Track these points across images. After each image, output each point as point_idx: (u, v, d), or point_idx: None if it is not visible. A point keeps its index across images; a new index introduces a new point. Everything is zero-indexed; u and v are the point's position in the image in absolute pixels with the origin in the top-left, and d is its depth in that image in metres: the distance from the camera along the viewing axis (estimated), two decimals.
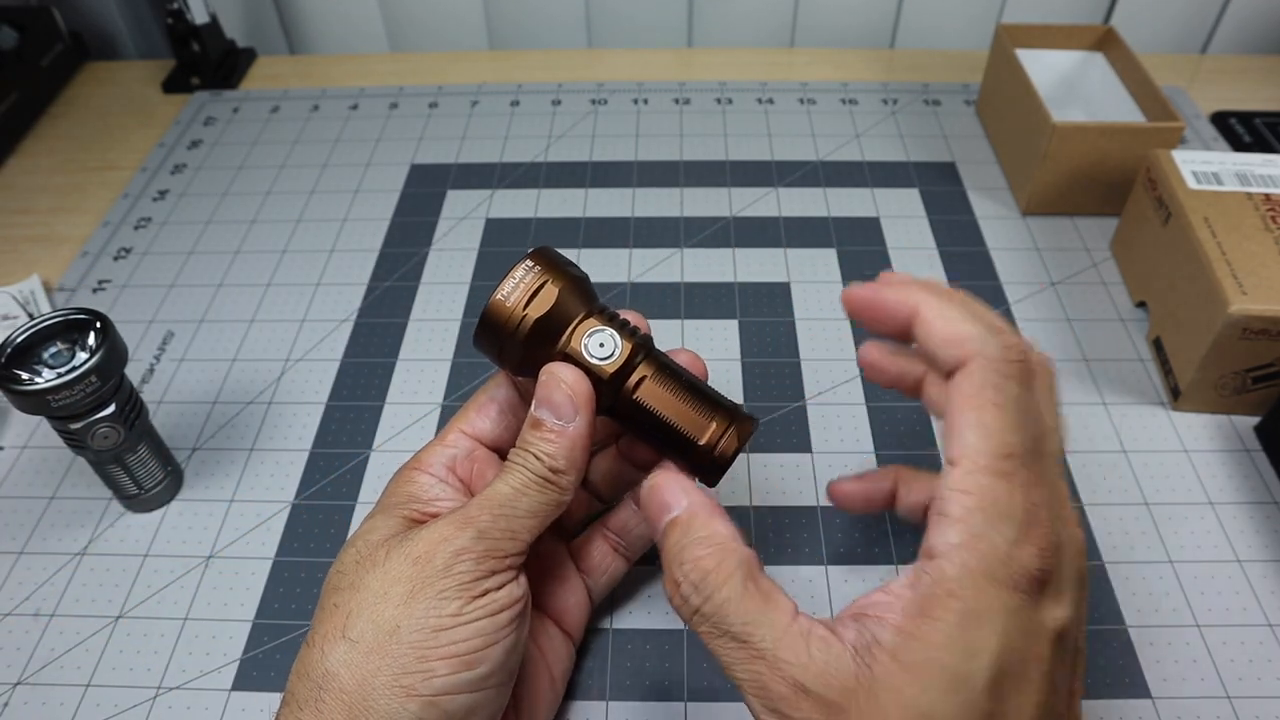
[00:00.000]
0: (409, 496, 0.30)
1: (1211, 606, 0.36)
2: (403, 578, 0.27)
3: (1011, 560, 0.23)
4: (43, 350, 0.36)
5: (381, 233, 0.55)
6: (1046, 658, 0.24)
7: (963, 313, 0.26)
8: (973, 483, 0.24)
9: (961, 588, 0.23)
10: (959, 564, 0.23)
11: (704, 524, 0.26)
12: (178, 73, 0.68)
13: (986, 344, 0.25)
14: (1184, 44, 0.72)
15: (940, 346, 0.26)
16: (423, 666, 0.26)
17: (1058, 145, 0.51)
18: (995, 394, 0.24)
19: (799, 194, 0.56)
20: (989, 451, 0.24)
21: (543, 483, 0.29)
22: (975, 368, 0.25)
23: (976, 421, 0.24)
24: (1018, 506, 0.24)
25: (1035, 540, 0.24)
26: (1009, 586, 0.23)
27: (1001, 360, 0.25)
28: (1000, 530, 0.23)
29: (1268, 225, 0.43)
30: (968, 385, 0.25)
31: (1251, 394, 0.42)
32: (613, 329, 0.30)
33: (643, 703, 0.34)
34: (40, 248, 0.55)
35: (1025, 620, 0.23)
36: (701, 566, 0.25)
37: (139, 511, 0.41)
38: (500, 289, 0.30)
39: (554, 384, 0.29)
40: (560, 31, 0.74)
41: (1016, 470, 0.24)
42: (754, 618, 0.24)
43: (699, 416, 0.30)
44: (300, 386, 0.46)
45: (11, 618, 0.37)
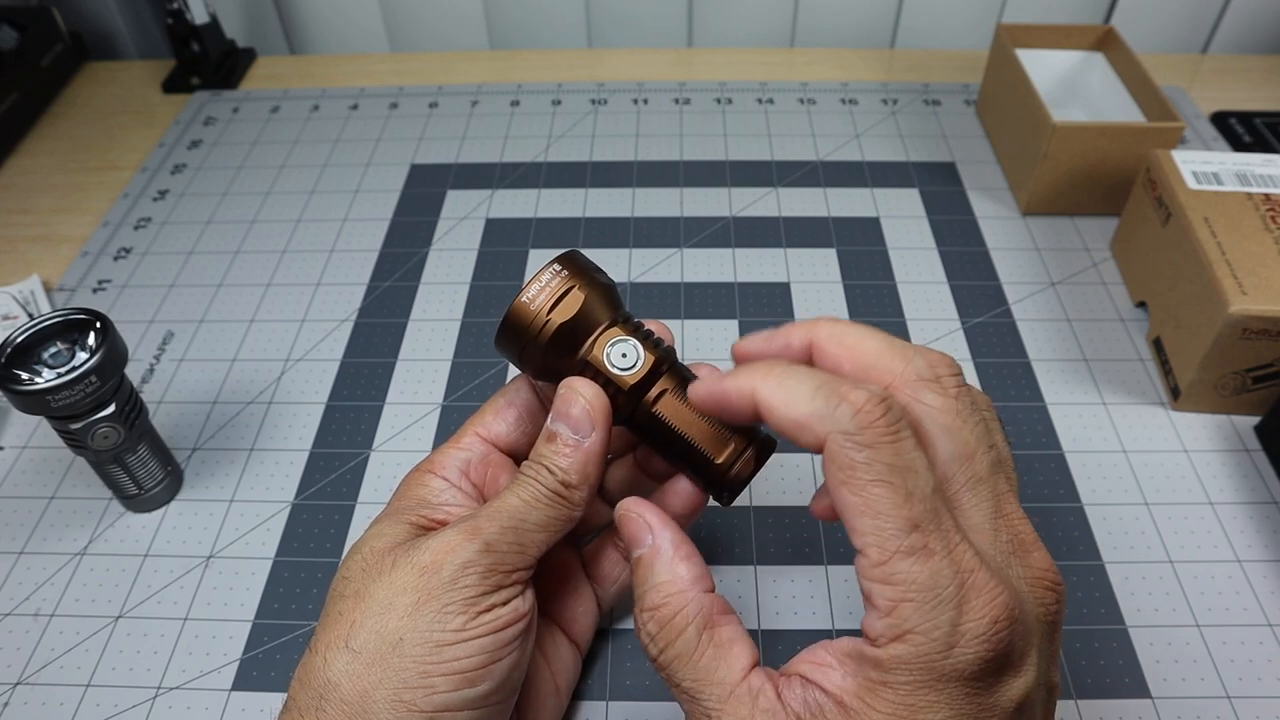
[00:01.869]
0: (419, 500, 0.30)
1: (1211, 606, 0.36)
2: (408, 588, 0.26)
3: (952, 652, 0.21)
4: (43, 350, 0.36)
5: (381, 233, 0.55)
6: None
7: (798, 386, 0.24)
8: (887, 572, 0.22)
9: (897, 680, 0.22)
10: (894, 658, 0.22)
11: (666, 566, 0.26)
12: (178, 73, 0.68)
13: (834, 419, 0.23)
14: (1184, 44, 0.72)
15: (792, 435, 0.24)
16: (424, 682, 0.25)
17: (1058, 145, 0.51)
18: (867, 470, 0.22)
19: (799, 194, 0.56)
20: (891, 533, 0.22)
21: (554, 497, 0.28)
22: (834, 448, 0.23)
23: (863, 507, 0.22)
24: (946, 582, 0.21)
25: (980, 614, 0.21)
26: (951, 680, 0.21)
27: (857, 430, 0.22)
28: (934, 617, 0.21)
29: (1268, 225, 0.43)
30: (836, 470, 0.23)
31: (1251, 394, 0.42)
32: (636, 339, 0.30)
33: (643, 703, 0.34)
34: (40, 248, 0.55)
35: (973, 708, 0.22)
36: (659, 616, 0.25)
37: (139, 511, 0.41)
38: (525, 291, 0.29)
39: (572, 398, 0.29)
40: (560, 31, 0.74)
41: (929, 540, 0.22)
42: (703, 675, 0.24)
43: (717, 436, 0.30)
44: (300, 386, 0.46)
45: (11, 618, 0.37)
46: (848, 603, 0.37)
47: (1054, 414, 0.43)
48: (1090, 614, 0.36)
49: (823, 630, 0.36)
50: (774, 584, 0.37)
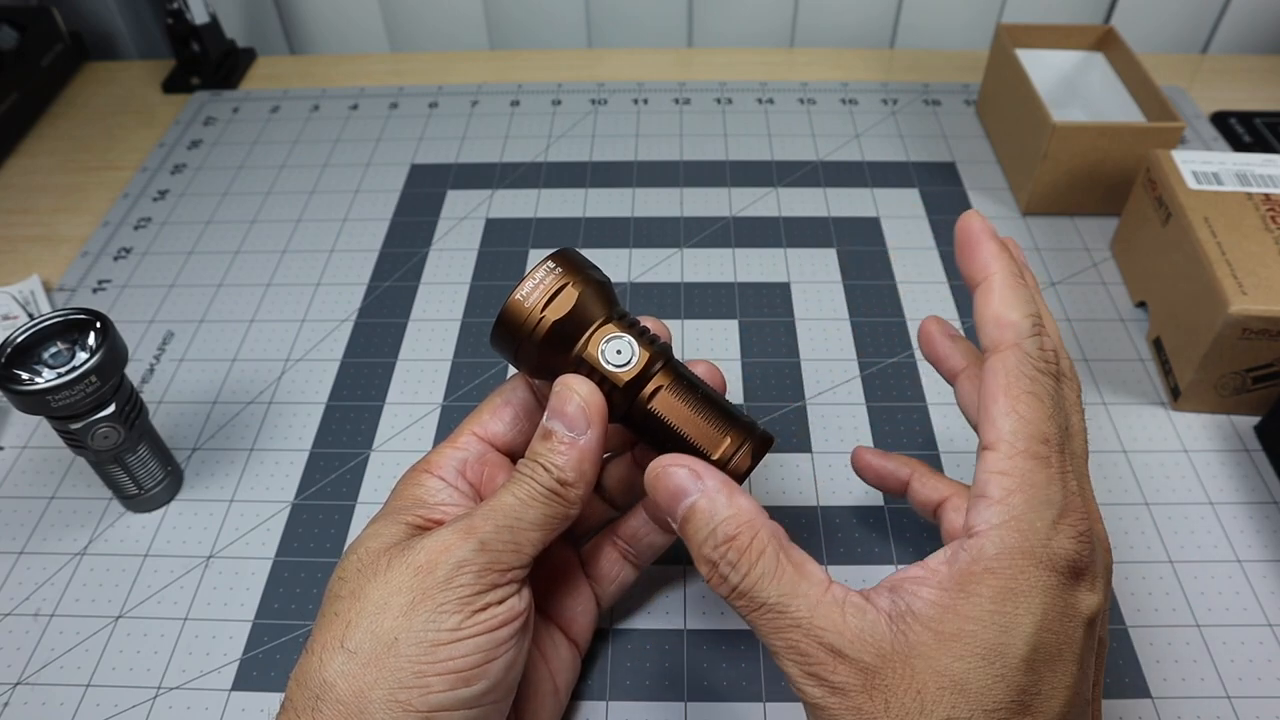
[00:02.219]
0: (415, 500, 0.30)
1: (1211, 606, 0.36)
2: (403, 588, 0.26)
3: (1050, 543, 0.24)
4: (43, 350, 0.36)
5: (381, 233, 0.55)
6: (1079, 640, 0.24)
7: (1020, 299, 0.26)
8: (1012, 466, 0.25)
9: (1001, 565, 0.24)
10: (999, 542, 0.24)
11: (728, 502, 0.26)
12: (178, 73, 0.68)
13: (1027, 338, 0.26)
14: (1184, 44, 0.72)
15: (986, 324, 0.27)
16: (420, 682, 0.25)
17: (1058, 145, 0.51)
18: (1030, 384, 0.25)
19: (799, 194, 0.56)
20: (1027, 435, 0.25)
21: (550, 495, 0.28)
22: (1011, 357, 0.26)
23: (1012, 409, 0.25)
24: (1056, 491, 0.24)
25: (1072, 525, 0.24)
26: (1047, 567, 0.24)
27: (1037, 357, 0.26)
28: (1040, 513, 0.24)
29: (1268, 225, 0.43)
30: (1003, 374, 0.25)
31: (1251, 394, 0.42)
32: (631, 336, 0.30)
33: (643, 703, 0.34)
34: (40, 248, 0.55)
35: (1061, 602, 0.24)
36: (736, 545, 0.26)
37: (139, 511, 0.41)
38: (519, 289, 0.29)
39: (567, 396, 0.29)
40: (560, 31, 0.74)
41: (1053, 457, 0.25)
42: (789, 589, 0.25)
43: (713, 430, 0.30)
44: (300, 386, 0.46)
45: (11, 618, 0.37)
46: None
47: None
48: None
49: None
50: None
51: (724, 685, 0.34)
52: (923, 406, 0.44)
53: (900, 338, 0.47)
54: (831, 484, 0.41)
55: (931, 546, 0.38)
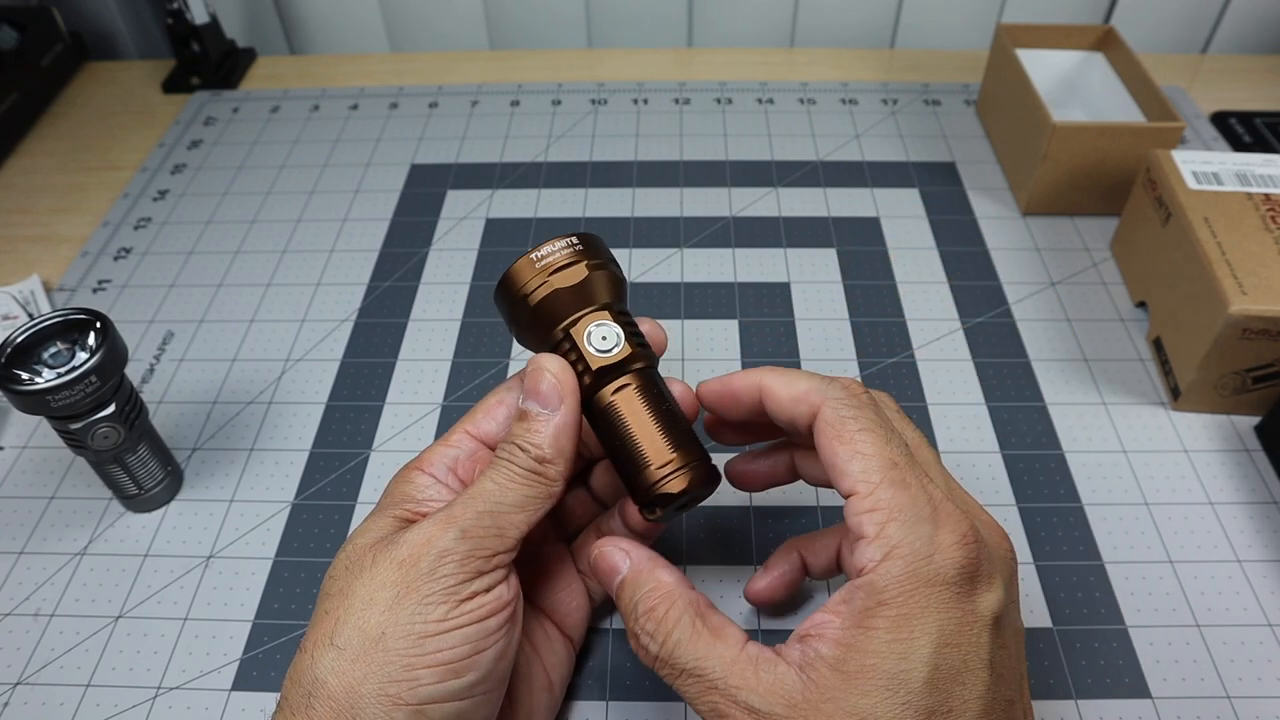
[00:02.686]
0: (404, 496, 0.30)
1: (1211, 606, 0.36)
2: (388, 583, 0.27)
3: (933, 558, 0.25)
4: (43, 350, 0.36)
5: (381, 233, 0.55)
6: (985, 645, 0.25)
7: (800, 374, 0.28)
8: (875, 500, 0.26)
9: (892, 595, 0.24)
10: (886, 574, 0.25)
11: (649, 577, 0.28)
12: (178, 73, 0.68)
13: (827, 390, 0.28)
14: (1184, 44, 0.72)
15: (790, 407, 0.28)
16: (409, 675, 0.26)
17: (1058, 145, 0.51)
18: (855, 422, 0.27)
19: (799, 194, 0.56)
20: (877, 467, 0.26)
21: (529, 475, 0.28)
22: (827, 409, 0.27)
23: (852, 451, 0.26)
24: (923, 506, 0.25)
25: (951, 532, 0.25)
26: (938, 583, 0.24)
27: (844, 398, 0.27)
28: (915, 533, 0.25)
29: (1268, 225, 0.43)
30: (828, 427, 0.27)
31: (1251, 394, 0.42)
32: (622, 329, 0.30)
33: (643, 703, 0.34)
34: (40, 248, 0.55)
35: (958, 613, 0.25)
36: (654, 615, 0.27)
37: (139, 511, 0.41)
38: (536, 250, 0.30)
39: (539, 375, 0.29)
40: (560, 31, 0.74)
41: (908, 476, 0.26)
42: (704, 652, 0.26)
43: (663, 443, 0.29)
44: (300, 386, 0.46)
45: (11, 618, 0.37)
46: None
47: (1054, 414, 0.43)
48: (1090, 614, 0.36)
49: None
50: None
51: None
52: (923, 406, 0.44)
53: (900, 338, 0.47)
54: None
55: None
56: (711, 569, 0.38)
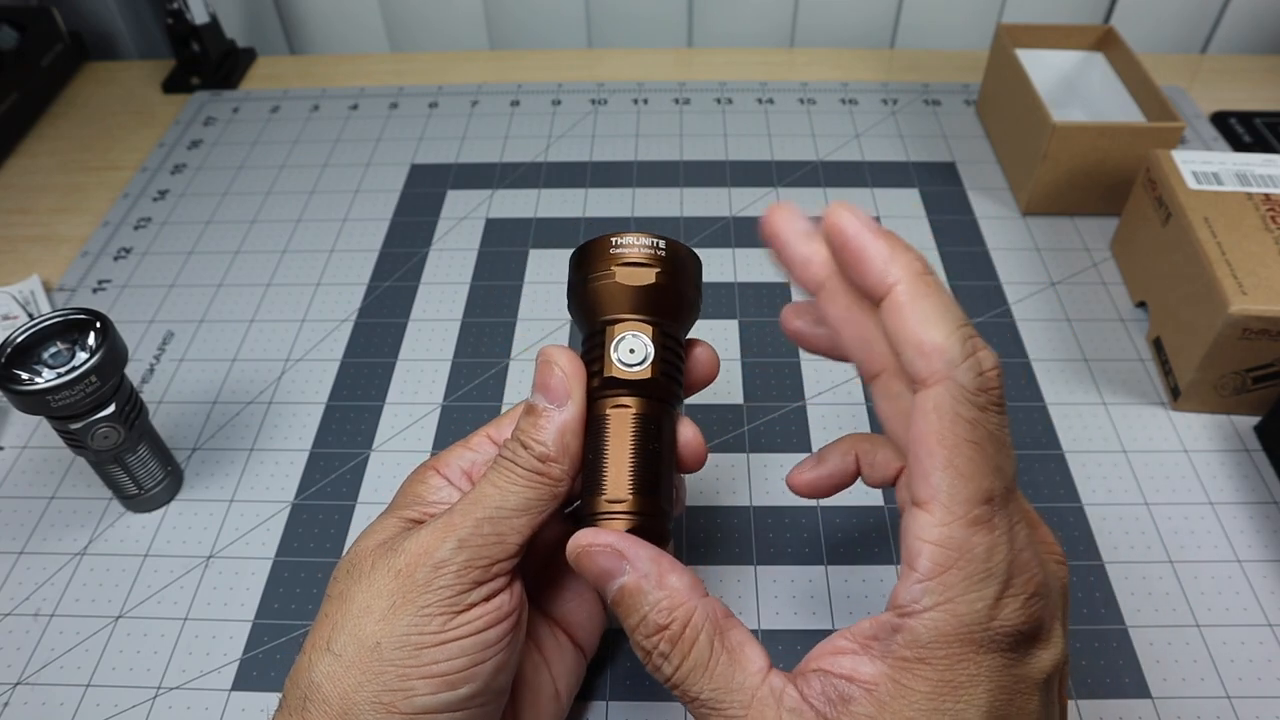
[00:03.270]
0: (416, 496, 0.29)
1: (1211, 606, 0.36)
2: (384, 592, 0.26)
3: (993, 621, 0.21)
4: (43, 350, 0.36)
5: (381, 233, 0.55)
6: (1035, 711, 0.22)
7: (944, 313, 0.22)
8: (947, 535, 0.21)
9: (936, 655, 0.21)
10: (933, 628, 0.21)
11: (657, 584, 0.25)
12: (178, 73, 0.68)
13: (960, 366, 0.22)
14: (1184, 44, 0.72)
15: (910, 351, 0.22)
16: (404, 685, 0.25)
17: (1058, 145, 0.51)
18: (969, 430, 0.21)
19: (799, 194, 0.56)
20: (966, 498, 0.21)
21: (531, 475, 0.27)
22: (946, 395, 0.22)
23: (948, 462, 0.21)
24: (999, 559, 0.21)
25: (1020, 591, 0.21)
26: (991, 649, 0.21)
27: (976, 390, 0.22)
28: (980, 591, 0.21)
29: (1268, 225, 0.43)
30: (935, 417, 0.22)
31: (1251, 394, 0.42)
32: (659, 351, 0.28)
33: (643, 703, 0.34)
34: (40, 248, 0.55)
35: (1010, 680, 0.22)
36: (669, 635, 0.24)
37: (139, 511, 0.41)
38: (622, 236, 0.29)
39: (548, 368, 0.28)
40: (560, 31, 0.74)
41: (995, 517, 0.21)
42: (723, 683, 0.23)
43: (626, 481, 0.27)
44: (300, 386, 0.46)
45: (11, 618, 0.37)
46: (847, 603, 0.37)
47: (1054, 414, 0.43)
48: (1090, 614, 0.36)
49: (823, 630, 0.36)
50: (774, 584, 0.37)
51: None
52: None
53: None
54: None
55: None
56: (714, 569, 0.38)
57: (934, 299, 0.22)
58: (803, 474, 0.30)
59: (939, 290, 0.23)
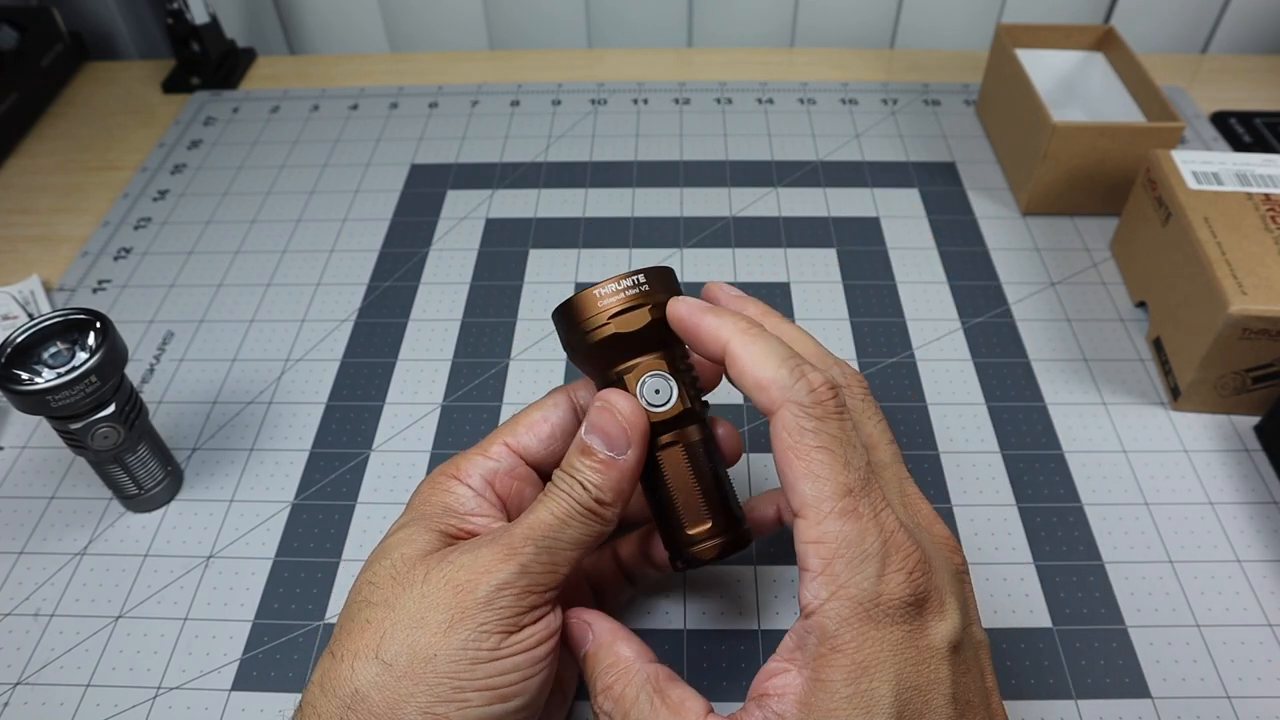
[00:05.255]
0: (444, 508, 0.29)
1: (1211, 606, 0.36)
2: (441, 604, 0.26)
3: (881, 595, 0.24)
4: (43, 350, 0.36)
5: (381, 233, 0.55)
6: (945, 678, 0.24)
7: (769, 352, 0.26)
8: (822, 531, 0.24)
9: (843, 641, 0.24)
10: (834, 616, 0.24)
11: (608, 652, 0.28)
12: (178, 73, 0.68)
13: (792, 389, 0.25)
14: (1184, 44, 0.72)
15: (749, 391, 0.26)
16: (459, 696, 0.25)
17: (1058, 145, 0.51)
18: (814, 438, 0.25)
19: (799, 194, 0.56)
20: (830, 494, 0.24)
21: (586, 514, 0.28)
22: (787, 415, 0.25)
23: (806, 471, 0.25)
24: (872, 540, 0.24)
25: (899, 566, 0.24)
26: (888, 621, 0.24)
27: (810, 404, 0.25)
28: (862, 570, 0.24)
29: (1268, 225, 0.43)
30: (785, 436, 0.25)
31: (1251, 394, 0.42)
32: (677, 382, 0.29)
33: None
34: (40, 248, 0.55)
35: (913, 651, 0.24)
36: (611, 694, 0.27)
37: (139, 511, 0.41)
38: (602, 286, 0.29)
39: (609, 413, 0.28)
40: (560, 31, 0.74)
41: (859, 505, 0.24)
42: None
43: (701, 509, 0.29)
44: (300, 386, 0.46)
45: (11, 618, 0.37)
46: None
47: (1054, 414, 0.43)
48: (1090, 614, 0.36)
49: None
50: (774, 584, 0.37)
51: (724, 685, 0.34)
52: (923, 406, 0.44)
53: (900, 338, 0.47)
54: None
55: None
56: (713, 569, 0.38)
57: (759, 344, 0.26)
58: (759, 511, 0.34)
59: (763, 336, 0.27)
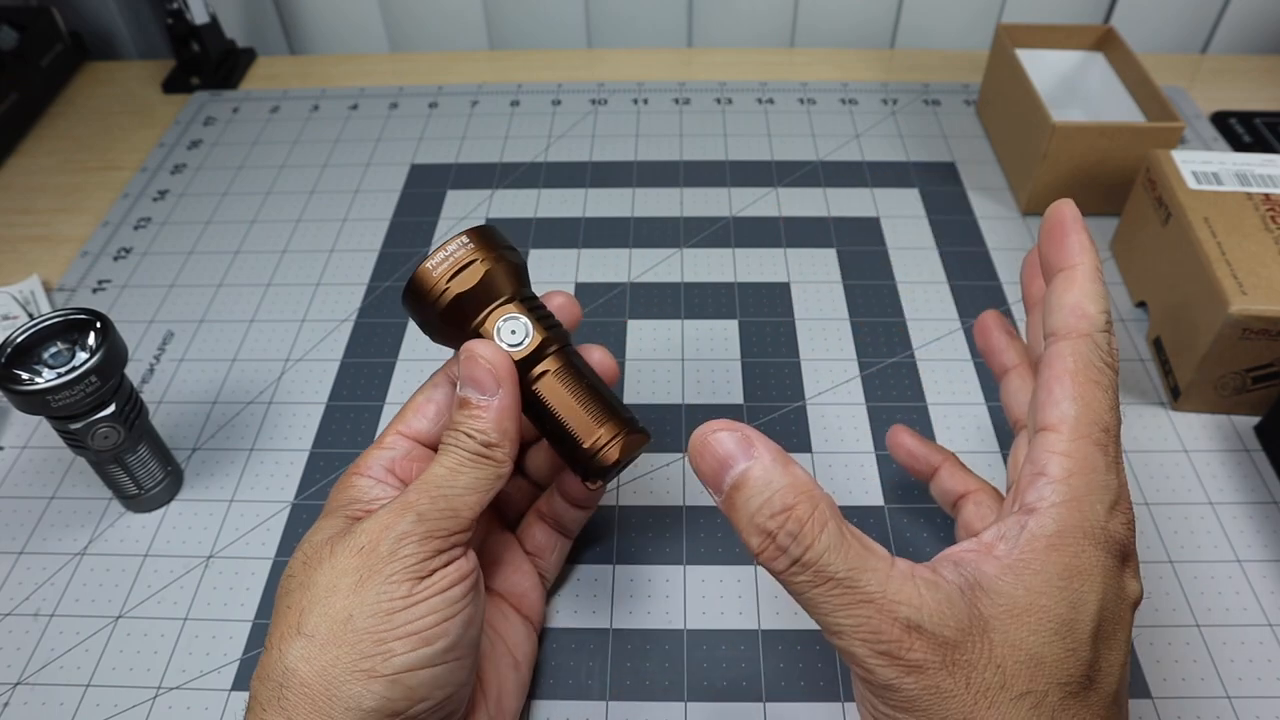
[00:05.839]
0: (349, 499, 0.30)
1: (1211, 606, 0.36)
2: (349, 569, 0.27)
3: (1107, 526, 0.25)
4: (43, 350, 0.36)
5: (381, 233, 0.55)
6: (1128, 622, 0.25)
7: (1100, 295, 0.27)
8: (1074, 448, 0.25)
9: (1064, 542, 0.24)
10: (1060, 519, 0.24)
11: (783, 471, 0.25)
12: (178, 73, 0.68)
13: (1099, 332, 0.26)
14: (1184, 44, 0.72)
15: (1063, 310, 0.27)
16: (381, 648, 0.26)
17: (1058, 145, 0.51)
18: (1098, 374, 0.26)
19: (799, 194, 0.56)
20: (1090, 421, 0.25)
21: (477, 458, 0.29)
22: (1083, 345, 0.26)
23: (1078, 394, 0.25)
24: (1113, 478, 0.25)
25: (1124, 512, 0.25)
26: (1105, 549, 0.24)
27: (1106, 351, 0.26)
28: (1099, 496, 0.25)
29: (1268, 225, 0.43)
30: (1072, 359, 0.26)
31: (1251, 394, 0.42)
32: (529, 318, 0.31)
33: (643, 703, 0.34)
34: (40, 248, 0.55)
35: (1116, 583, 0.25)
36: (797, 515, 0.24)
37: (139, 511, 0.41)
38: (431, 258, 0.31)
39: (474, 361, 0.30)
40: (560, 31, 0.74)
41: (1111, 446, 0.25)
42: (857, 562, 0.24)
43: (590, 420, 0.31)
44: (300, 386, 0.46)
45: (11, 618, 0.37)
46: None
47: None
48: None
49: None
50: (774, 584, 0.37)
51: (723, 685, 0.34)
52: (922, 406, 0.44)
53: (900, 338, 0.47)
54: (831, 484, 0.41)
55: (931, 547, 0.38)
56: (713, 569, 0.38)
57: (1100, 287, 0.27)
58: (905, 436, 0.36)
59: (1103, 284, 0.27)
